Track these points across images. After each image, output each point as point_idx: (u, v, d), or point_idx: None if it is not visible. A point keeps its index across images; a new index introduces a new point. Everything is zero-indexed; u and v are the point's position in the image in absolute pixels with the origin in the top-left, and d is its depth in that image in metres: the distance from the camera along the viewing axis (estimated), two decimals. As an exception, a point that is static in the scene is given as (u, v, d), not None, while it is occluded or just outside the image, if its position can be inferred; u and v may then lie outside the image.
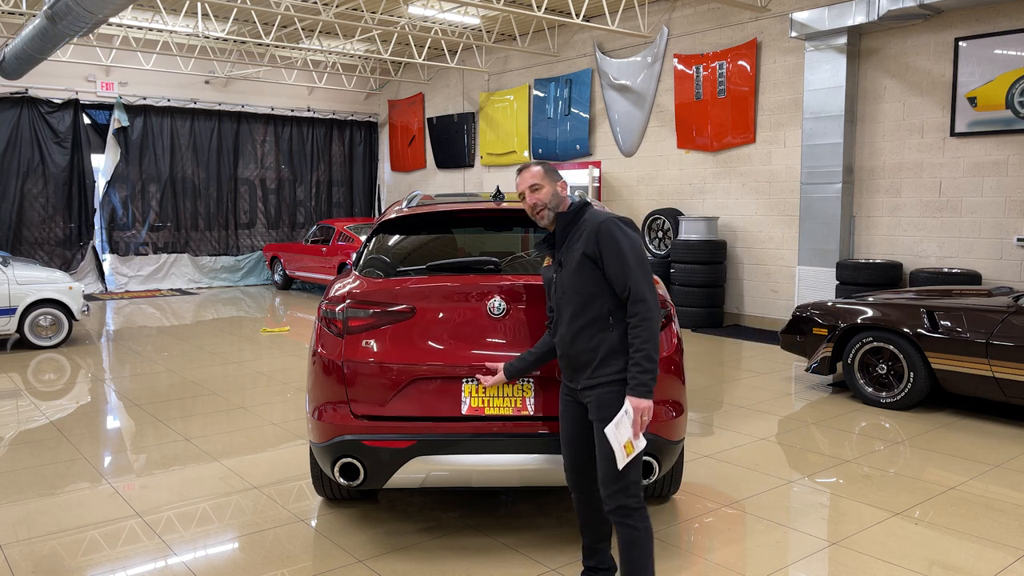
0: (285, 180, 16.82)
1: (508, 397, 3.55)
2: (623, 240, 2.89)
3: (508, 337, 3.62)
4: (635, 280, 2.85)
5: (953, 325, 5.97)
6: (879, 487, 4.66)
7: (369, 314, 3.70)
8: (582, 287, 2.94)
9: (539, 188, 3.10)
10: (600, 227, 2.91)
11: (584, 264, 2.92)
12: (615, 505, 2.90)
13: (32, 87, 13.61)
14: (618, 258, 2.87)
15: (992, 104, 8.33)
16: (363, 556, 3.74)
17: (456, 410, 3.55)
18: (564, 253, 3.04)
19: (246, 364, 8.35)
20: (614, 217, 2.96)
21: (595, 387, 2.95)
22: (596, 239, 2.90)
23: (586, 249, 2.91)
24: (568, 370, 3.09)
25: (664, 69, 11.79)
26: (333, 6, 10.87)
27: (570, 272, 2.97)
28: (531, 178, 3.12)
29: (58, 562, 3.69)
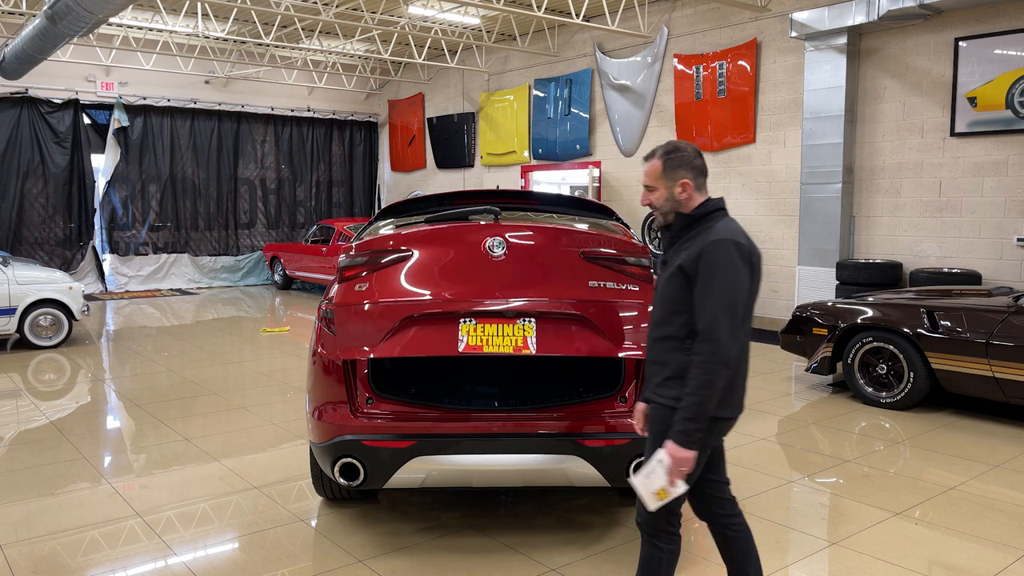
0: (285, 180, 16.82)
1: (508, 336, 3.48)
2: (721, 271, 2.51)
3: (508, 279, 3.53)
4: (712, 318, 2.49)
5: (953, 325, 5.97)
6: (879, 487, 4.66)
7: (363, 261, 3.65)
8: (669, 298, 2.67)
9: (653, 190, 2.76)
10: (708, 247, 2.55)
11: (677, 277, 2.63)
12: (645, 518, 2.69)
13: (32, 87, 13.61)
14: (706, 287, 2.53)
15: (992, 104, 8.32)
16: (363, 556, 3.74)
17: (452, 348, 3.44)
18: (671, 254, 2.73)
19: (246, 364, 8.34)
20: (733, 240, 2.56)
21: (651, 403, 2.73)
22: (698, 258, 2.56)
23: (685, 263, 2.60)
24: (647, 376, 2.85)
25: (664, 69, 11.79)
26: (333, 6, 10.87)
27: (664, 280, 2.71)
28: (646, 176, 2.79)
29: (58, 562, 3.69)
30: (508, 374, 4.76)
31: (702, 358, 2.49)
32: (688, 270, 2.58)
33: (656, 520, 2.66)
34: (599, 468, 3.57)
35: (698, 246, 2.59)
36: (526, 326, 3.50)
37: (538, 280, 3.56)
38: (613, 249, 3.72)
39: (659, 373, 2.70)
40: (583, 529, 4.03)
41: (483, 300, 3.46)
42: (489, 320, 3.52)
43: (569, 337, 3.56)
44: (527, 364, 4.89)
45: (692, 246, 2.62)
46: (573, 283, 3.64)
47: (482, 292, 3.52)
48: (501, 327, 3.48)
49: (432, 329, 3.48)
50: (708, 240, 2.57)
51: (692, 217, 2.70)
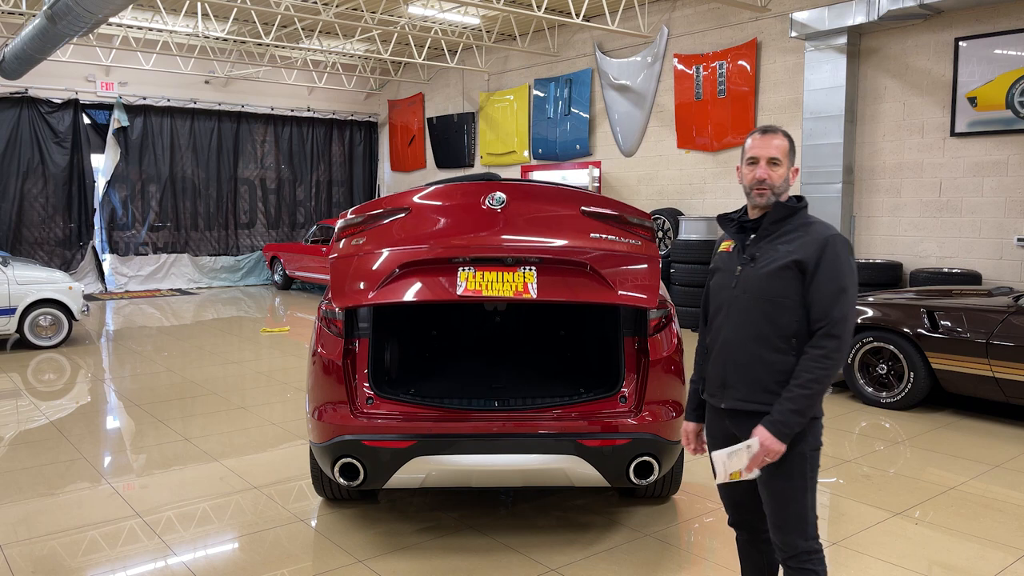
0: (285, 180, 16.82)
1: (508, 283, 3.44)
2: (847, 267, 2.44)
3: (508, 229, 3.48)
4: (842, 314, 2.40)
5: (953, 325, 5.97)
6: (879, 487, 4.66)
7: (361, 220, 3.63)
8: (776, 294, 2.47)
9: (778, 165, 2.53)
10: (829, 240, 2.44)
11: (789, 271, 2.45)
12: (792, 552, 2.50)
13: (32, 87, 13.60)
14: (835, 283, 2.41)
15: (992, 104, 8.32)
16: (363, 556, 3.74)
17: (451, 293, 3.39)
18: (761, 248, 2.54)
19: (246, 364, 8.34)
20: (843, 237, 2.51)
21: (750, 415, 2.50)
22: (820, 251, 2.43)
23: (802, 256, 2.44)
24: (717, 382, 2.62)
25: (664, 69, 11.79)
26: (333, 6, 10.86)
27: (765, 274, 2.50)
28: (775, 149, 2.53)
29: (58, 562, 3.69)
30: (509, 364, 4.76)
31: (824, 352, 2.38)
32: (805, 263, 2.43)
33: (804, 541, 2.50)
34: (599, 468, 3.57)
35: (810, 240, 2.46)
36: (526, 273, 3.44)
37: (539, 231, 3.51)
38: (615, 210, 3.70)
39: (758, 378, 2.50)
40: (583, 529, 4.03)
41: (482, 247, 3.42)
42: (488, 268, 3.46)
43: (570, 283, 3.48)
44: (527, 359, 4.88)
45: (796, 240, 2.48)
46: (574, 234, 3.58)
47: (481, 241, 3.47)
48: (501, 274, 3.43)
49: (430, 276, 3.42)
50: (827, 234, 2.46)
51: (792, 208, 2.54)
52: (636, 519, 4.15)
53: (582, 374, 4.52)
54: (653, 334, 3.84)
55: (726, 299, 2.61)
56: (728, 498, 2.76)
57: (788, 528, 2.50)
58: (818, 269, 2.42)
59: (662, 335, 3.86)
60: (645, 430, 3.62)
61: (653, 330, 3.85)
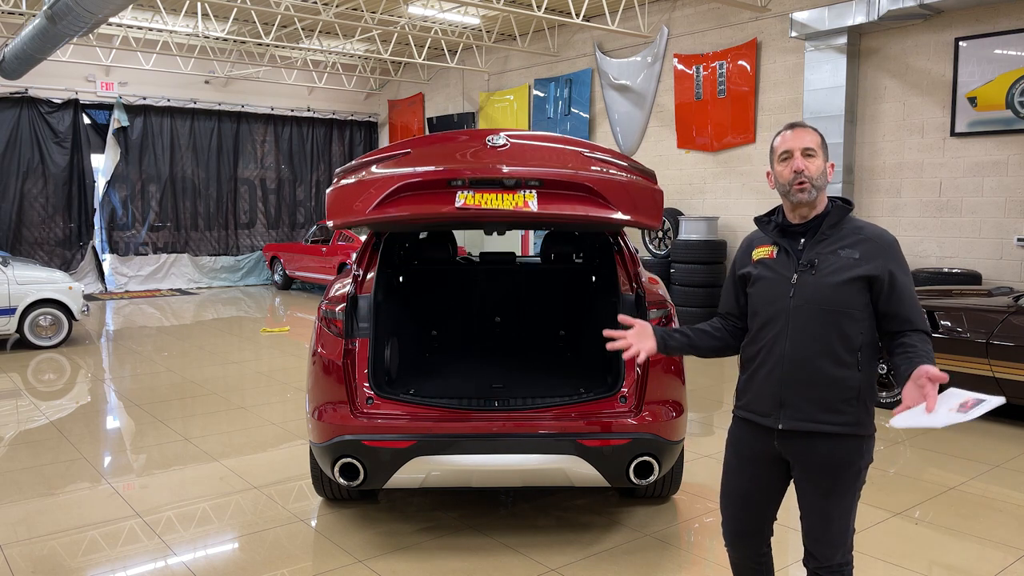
0: (285, 180, 16.82)
1: (509, 201, 3.42)
2: (909, 272, 2.39)
3: (510, 158, 3.46)
4: (921, 317, 2.34)
5: (953, 325, 5.97)
6: (879, 487, 4.66)
7: (360, 163, 3.66)
8: (843, 305, 2.31)
9: (813, 155, 2.37)
10: (892, 245, 2.34)
11: (859, 283, 2.32)
12: (826, 563, 2.44)
13: (32, 87, 13.60)
14: (912, 291, 2.34)
15: (992, 104, 8.32)
16: (363, 556, 3.74)
17: (450, 206, 3.36)
18: (819, 254, 2.36)
19: (246, 364, 8.34)
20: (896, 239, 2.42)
21: (817, 436, 2.35)
22: (887, 260, 2.32)
23: (870, 270, 2.31)
24: (772, 401, 2.40)
25: (664, 69, 11.79)
26: (333, 6, 10.87)
27: (832, 284, 2.32)
28: (809, 139, 2.38)
29: (58, 562, 3.69)
30: (509, 364, 4.76)
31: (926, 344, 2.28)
32: (876, 273, 2.30)
33: (845, 555, 2.45)
34: (599, 468, 3.57)
35: (875, 245, 2.33)
36: (527, 194, 3.42)
37: (540, 161, 3.52)
38: (618, 158, 3.73)
39: (826, 395, 2.33)
40: (583, 529, 4.03)
41: (482, 170, 3.40)
42: (488, 190, 3.43)
43: (571, 202, 3.45)
44: (527, 359, 4.88)
45: (859, 244, 2.34)
46: (577, 164, 3.61)
47: (482, 165, 3.45)
48: (501, 196, 3.40)
49: (428, 194, 3.41)
50: (889, 238, 2.36)
51: (836, 211, 2.40)
52: (636, 519, 4.15)
53: (582, 374, 4.52)
54: (653, 334, 3.83)
55: (781, 310, 2.38)
56: (740, 524, 2.60)
57: (829, 542, 2.42)
58: (892, 280, 2.31)
59: (661, 336, 3.86)
60: (645, 430, 3.62)
61: (653, 330, 3.85)
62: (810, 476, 2.41)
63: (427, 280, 5.39)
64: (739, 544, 2.65)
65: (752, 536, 2.62)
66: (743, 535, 2.62)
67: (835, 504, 2.40)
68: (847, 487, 2.40)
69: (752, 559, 2.67)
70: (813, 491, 2.41)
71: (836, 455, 2.36)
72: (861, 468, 2.41)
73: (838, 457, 2.36)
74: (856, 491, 2.44)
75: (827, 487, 2.38)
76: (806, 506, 2.46)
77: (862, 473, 2.42)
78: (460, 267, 5.44)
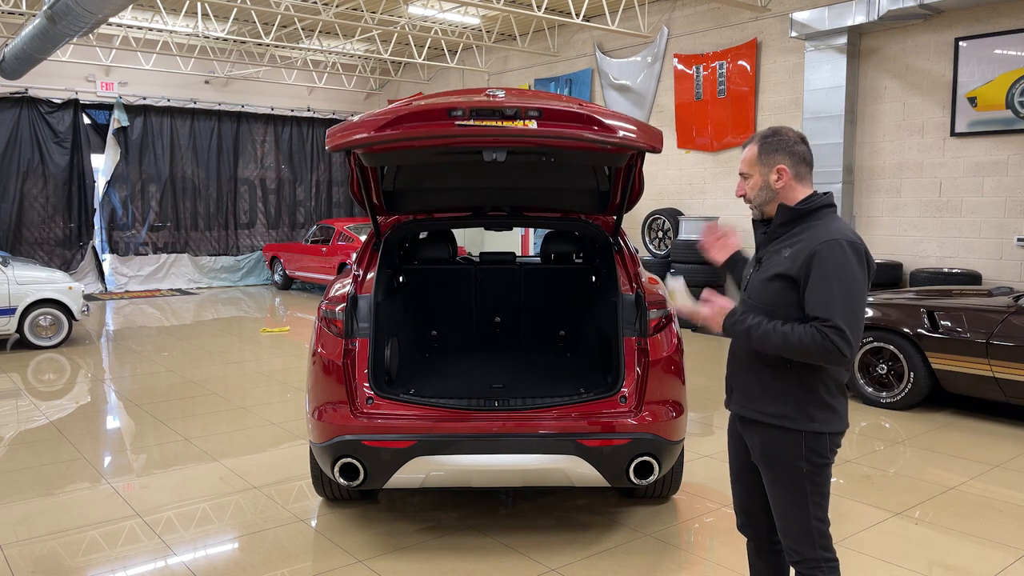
0: (285, 180, 16.82)
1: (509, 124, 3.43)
2: (838, 267, 2.29)
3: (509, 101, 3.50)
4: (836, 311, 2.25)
5: (953, 325, 5.97)
6: (879, 487, 4.66)
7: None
8: (770, 302, 2.41)
9: (747, 177, 2.52)
10: (821, 247, 2.31)
11: (779, 282, 2.39)
12: (800, 558, 2.45)
13: (32, 87, 13.60)
14: (824, 285, 2.28)
15: (992, 104, 8.32)
16: (363, 556, 3.74)
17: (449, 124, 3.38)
18: (768, 253, 2.47)
19: (246, 364, 8.34)
20: (848, 240, 2.33)
21: (755, 424, 2.49)
22: (808, 262, 2.31)
23: (788, 270, 2.35)
24: (728, 386, 2.63)
25: (664, 69, 11.79)
26: (333, 6, 10.87)
27: (763, 280, 2.44)
28: (743, 163, 2.53)
29: (58, 562, 3.69)
30: (509, 364, 4.76)
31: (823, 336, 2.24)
32: (793, 273, 2.34)
33: (813, 550, 2.44)
34: (599, 468, 3.57)
35: (805, 246, 2.34)
36: (527, 120, 3.43)
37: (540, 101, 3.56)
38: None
39: (758, 389, 2.46)
40: (583, 529, 4.03)
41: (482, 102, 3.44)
42: (488, 119, 3.44)
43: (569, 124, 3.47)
44: (527, 359, 4.88)
45: (796, 245, 2.37)
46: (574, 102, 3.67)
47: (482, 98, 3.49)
48: (501, 123, 3.41)
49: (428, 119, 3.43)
50: (819, 240, 2.32)
51: (797, 211, 2.42)
52: (636, 519, 4.15)
53: (582, 374, 4.52)
54: (653, 334, 3.84)
55: (740, 302, 2.56)
56: (738, 500, 2.72)
57: (793, 535, 2.46)
58: (808, 278, 2.31)
59: (662, 335, 3.87)
60: (645, 430, 3.62)
61: (653, 330, 3.86)
62: (759, 463, 2.53)
63: (427, 280, 5.39)
64: (745, 528, 2.72)
65: (753, 515, 2.67)
66: (744, 515, 2.71)
67: (782, 495, 2.46)
68: (790, 481, 2.43)
69: (756, 546, 2.71)
70: (764, 479, 2.53)
71: (769, 445, 2.46)
72: (801, 466, 2.41)
73: (771, 447, 2.45)
74: (804, 488, 2.42)
75: (770, 477, 2.49)
76: (767, 493, 2.55)
77: (806, 471, 2.41)
78: (460, 267, 5.44)
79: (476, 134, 3.41)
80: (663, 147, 3.69)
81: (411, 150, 3.73)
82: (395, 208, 4.65)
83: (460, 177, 4.45)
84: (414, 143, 3.53)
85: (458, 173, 4.42)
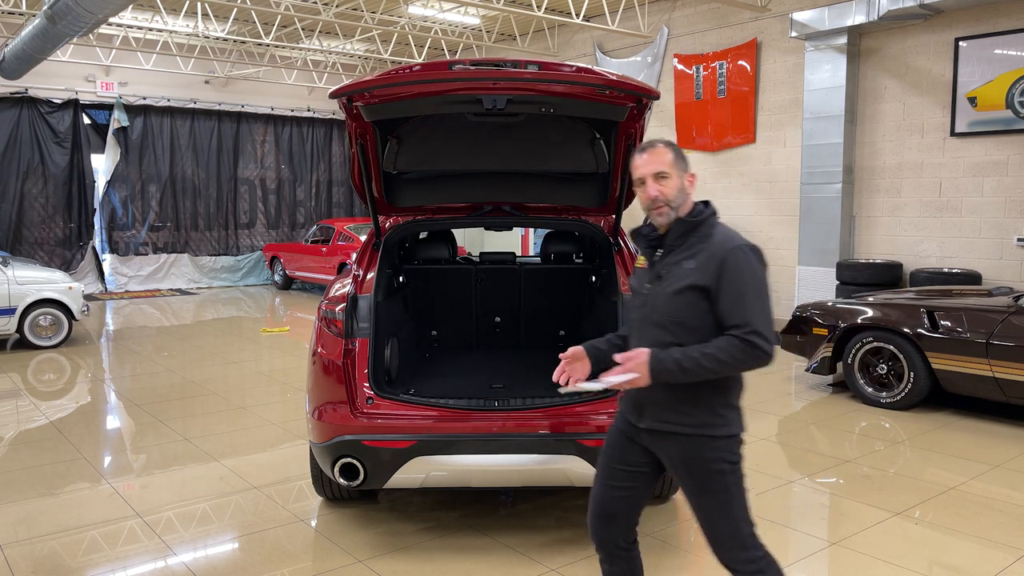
0: (285, 180, 16.82)
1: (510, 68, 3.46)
2: (748, 274, 2.35)
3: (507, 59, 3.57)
4: (753, 315, 2.32)
5: (953, 325, 5.97)
6: (879, 487, 4.66)
7: None
8: (678, 315, 2.41)
9: (666, 177, 2.44)
10: (728, 255, 2.35)
11: (691, 293, 2.38)
12: (736, 566, 2.48)
13: (32, 87, 13.60)
14: (737, 292, 2.34)
15: (992, 104, 8.32)
16: (363, 556, 3.74)
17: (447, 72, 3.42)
18: (667, 266, 2.46)
19: (246, 364, 8.34)
20: (750, 246, 2.39)
21: (670, 436, 2.46)
22: (719, 270, 2.34)
23: (700, 280, 2.36)
24: (633, 403, 2.55)
25: (664, 69, 11.79)
26: (333, 6, 10.87)
27: (670, 294, 2.42)
28: (658, 162, 2.44)
29: (58, 562, 3.69)
30: (509, 364, 4.75)
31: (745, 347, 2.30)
32: (706, 285, 2.35)
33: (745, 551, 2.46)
34: (599, 468, 3.57)
35: (711, 255, 2.37)
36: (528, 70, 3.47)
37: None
38: None
39: (670, 400, 2.43)
40: (583, 529, 4.02)
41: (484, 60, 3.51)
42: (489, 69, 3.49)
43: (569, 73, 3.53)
44: (527, 359, 4.88)
45: (699, 255, 2.39)
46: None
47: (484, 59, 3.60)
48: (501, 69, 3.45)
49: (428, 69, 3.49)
50: (724, 248, 2.37)
51: (693, 223, 2.44)
52: (636, 519, 4.14)
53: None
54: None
55: (637, 319, 2.53)
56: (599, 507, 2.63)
57: (725, 544, 2.48)
58: (720, 287, 2.34)
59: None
60: (645, 430, 3.62)
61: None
62: (677, 475, 2.50)
63: (427, 280, 5.39)
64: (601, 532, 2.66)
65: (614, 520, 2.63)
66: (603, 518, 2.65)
67: (710, 502, 2.45)
68: (717, 486, 2.44)
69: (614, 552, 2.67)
70: (686, 490, 2.49)
71: (691, 454, 2.44)
72: (723, 468, 2.43)
73: (693, 456, 2.44)
74: (729, 489, 2.44)
75: (694, 486, 2.46)
76: (693, 511, 2.52)
77: (728, 471, 2.44)
78: (460, 267, 5.44)
79: (475, 77, 3.44)
80: (660, 96, 3.72)
81: (411, 101, 3.71)
82: (395, 198, 4.59)
83: (461, 155, 4.38)
84: (413, 89, 3.55)
85: (459, 150, 4.35)
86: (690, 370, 2.33)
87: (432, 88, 3.53)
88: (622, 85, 3.53)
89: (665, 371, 2.35)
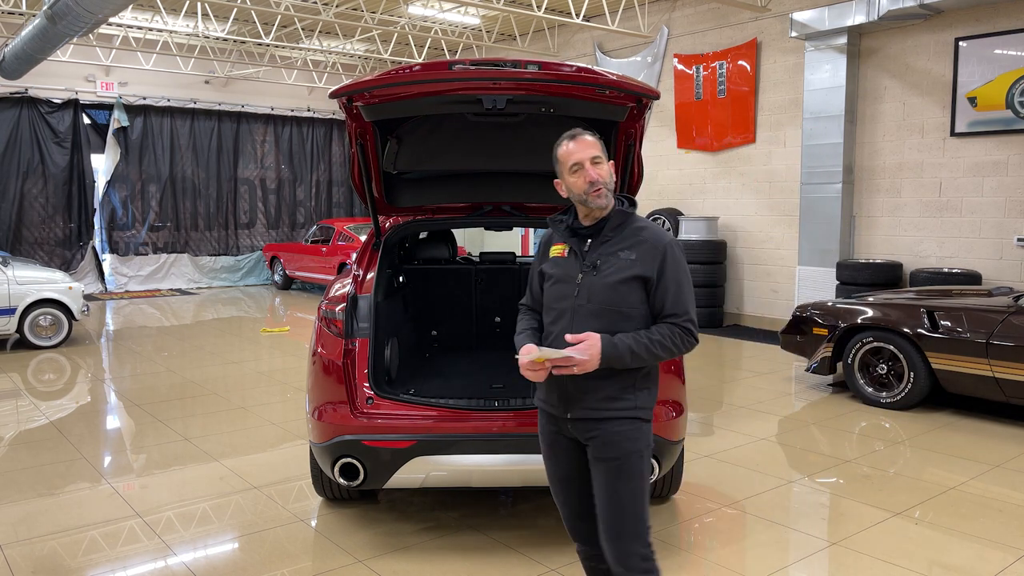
0: (285, 180, 16.82)
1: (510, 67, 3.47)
2: (683, 267, 2.54)
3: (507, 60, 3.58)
4: (690, 306, 2.51)
5: (953, 325, 5.97)
6: (879, 487, 4.66)
7: None
8: (618, 304, 2.49)
9: (600, 161, 2.52)
10: (667, 249, 2.50)
11: (634, 283, 2.49)
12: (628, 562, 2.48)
13: (32, 87, 13.60)
14: (678, 286, 2.50)
15: (992, 104, 8.32)
16: (363, 556, 3.74)
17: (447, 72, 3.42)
18: (601, 256, 2.53)
19: (246, 364, 8.35)
20: (675, 239, 2.58)
21: (601, 421, 2.49)
22: (661, 262, 2.49)
23: (642, 271, 2.48)
24: (558, 394, 2.57)
25: (664, 69, 11.79)
26: (333, 6, 10.87)
27: (609, 284, 2.49)
28: (591, 148, 2.52)
29: (58, 562, 3.69)
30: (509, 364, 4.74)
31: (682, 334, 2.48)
32: (647, 274, 2.48)
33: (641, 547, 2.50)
34: (599, 468, 3.57)
35: (650, 247, 2.50)
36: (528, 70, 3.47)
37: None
38: None
39: (603, 387, 2.49)
40: (583, 529, 4.03)
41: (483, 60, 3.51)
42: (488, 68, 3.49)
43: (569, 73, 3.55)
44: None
45: (637, 246, 2.51)
46: None
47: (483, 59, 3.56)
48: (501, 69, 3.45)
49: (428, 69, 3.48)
50: (660, 241, 2.52)
51: (628, 214, 2.58)
52: (636, 519, 4.14)
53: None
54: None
55: (567, 308, 2.55)
56: (570, 508, 2.69)
57: (626, 534, 2.48)
58: (661, 277, 2.49)
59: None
60: (645, 430, 3.62)
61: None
62: (602, 460, 2.51)
63: (427, 280, 5.39)
64: (580, 529, 2.70)
65: (590, 518, 2.64)
66: (580, 517, 2.68)
67: (624, 486, 2.48)
68: (633, 468, 2.50)
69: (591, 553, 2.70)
70: (606, 478, 2.50)
71: (616, 436, 2.49)
72: (643, 451, 2.52)
73: (617, 438, 2.49)
74: (644, 475, 2.52)
75: (612, 468, 2.49)
76: (604, 497, 2.52)
77: (645, 455, 2.53)
78: (460, 267, 5.43)
79: (475, 77, 3.44)
80: (660, 96, 3.71)
81: (411, 101, 3.71)
82: (395, 198, 4.59)
83: (461, 155, 4.38)
84: (413, 89, 3.55)
85: (459, 150, 4.35)
86: (640, 355, 2.44)
87: (432, 88, 3.52)
88: (622, 85, 3.53)
89: (617, 356, 2.42)
